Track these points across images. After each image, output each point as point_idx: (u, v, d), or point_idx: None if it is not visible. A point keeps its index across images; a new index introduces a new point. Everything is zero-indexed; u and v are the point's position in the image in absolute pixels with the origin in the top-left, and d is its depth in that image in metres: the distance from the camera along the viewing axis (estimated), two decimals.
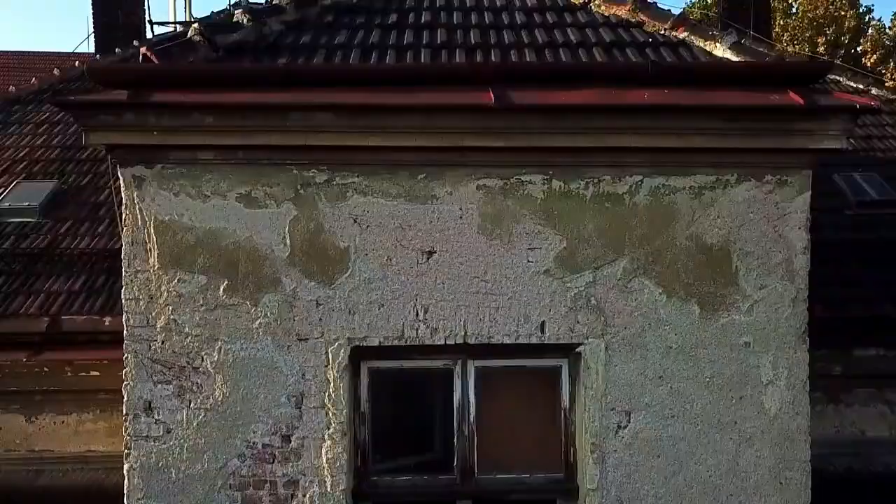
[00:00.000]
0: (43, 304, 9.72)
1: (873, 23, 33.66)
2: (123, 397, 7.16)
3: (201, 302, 7.10)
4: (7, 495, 9.14)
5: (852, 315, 9.66)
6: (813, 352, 7.41)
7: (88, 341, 9.45)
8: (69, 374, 9.36)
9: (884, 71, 27.86)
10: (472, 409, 7.43)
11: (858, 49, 32.30)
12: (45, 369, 9.37)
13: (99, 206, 11.25)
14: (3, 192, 11.34)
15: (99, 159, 12.11)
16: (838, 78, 14.04)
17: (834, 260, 9.99)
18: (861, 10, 33.69)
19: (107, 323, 9.39)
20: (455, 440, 7.45)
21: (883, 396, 9.73)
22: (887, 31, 33.12)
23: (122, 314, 7.25)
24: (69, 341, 9.47)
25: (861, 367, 9.53)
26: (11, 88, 14.37)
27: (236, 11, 8.48)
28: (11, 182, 11.62)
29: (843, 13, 32.42)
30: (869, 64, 29.64)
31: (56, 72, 14.48)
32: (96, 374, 9.31)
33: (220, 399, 7.11)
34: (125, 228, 7.11)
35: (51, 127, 13.04)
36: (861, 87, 14.19)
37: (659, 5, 9.21)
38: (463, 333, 7.17)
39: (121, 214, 7.21)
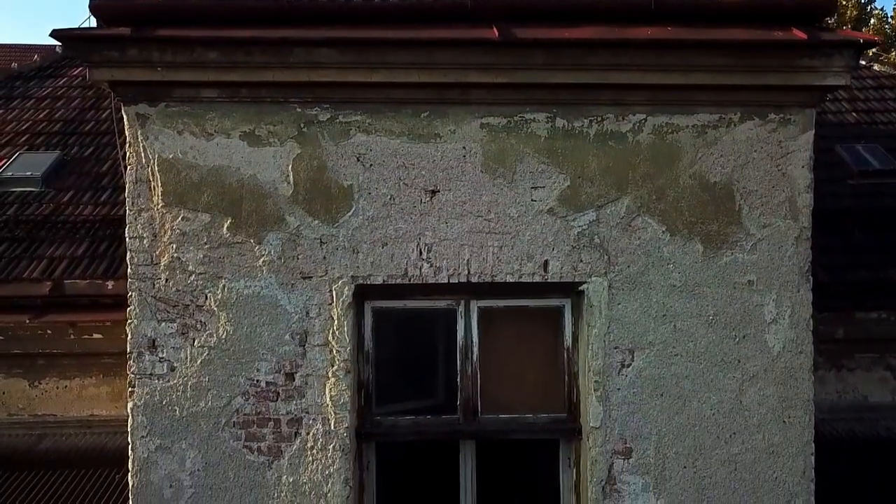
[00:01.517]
0: (46, 269, 9.74)
1: (875, 12, 33.62)
2: (127, 335, 7.16)
3: (205, 240, 7.10)
4: (9, 458, 9.11)
5: (854, 279, 9.66)
6: (815, 315, 7.41)
7: (91, 304, 9.48)
8: (72, 336, 9.35)
9: (886, 60, 27.76)
10: (475, 350, 7.43)
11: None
12: (48, 332, 9.36)
13: (101, 177, 11.28)
14: (5, 163, 11.32)
15: (101, 132, 12.20)
16: None
17: (836, 227, 10.06)
18: (863, 0, 33.61)
19: (109, 287, 9.44)
20: (458, 380, 7.46)
21: (885, 361, 9.74)
22: (889, 20, 33.08)
23: (126, 274, 7.30)
24: (72, 304, 9.49)
25: (863, 331, 9.51)
26: (14, 65, 14.43)
27: None
28: (14, 153, 11.61)
29: (844, 2, 32.31)
30: (870, 54, 29.47)
31: (59, 49, 14.52)
32: (99, 336, 9.31)
33: (223, 337, 7.10)
34: (128, 167, 7.12)
35: (53, 101, 13.07)
36: (863, 62, 14.27)
37: None
38: (466, 272, 7.16)
39: (124, 154, 7.19)
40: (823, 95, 7.38)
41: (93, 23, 7.87)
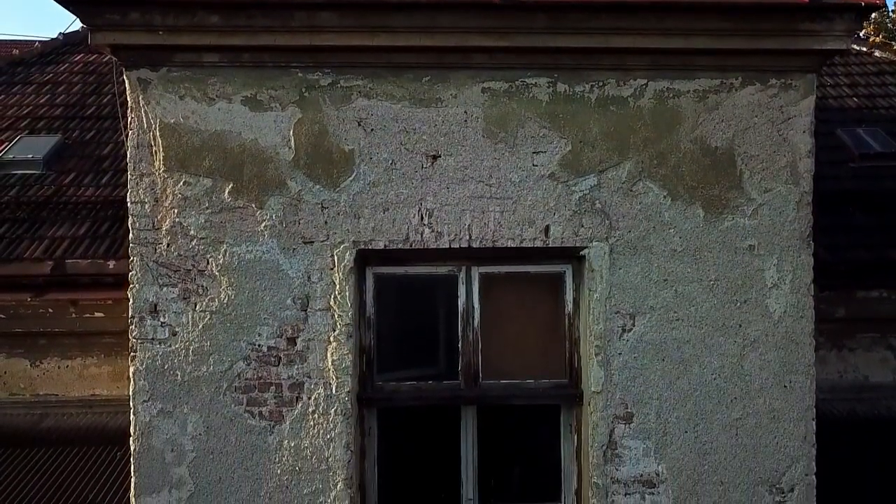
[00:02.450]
0: (47, 249, 9.72)
1: None
2: (129, 300, 7.16)
3: (206, 205, 7.11)
4: (11, 437, 9.13)
5: (855, 258, 9.66)
6: (816, 294, 7.41)
7: (92, 283, 9.45)
8: (73, 315, 9.36)
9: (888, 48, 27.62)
10: (477, 316, 7.44)
11: (861, 33, 32.04)
12: (50, 310, 9.37)
13: (103, 160, 11.30)
14: (7, 146, 11.34)
15: (102, 117, 12.22)
16: None
17: (837, 209, 10.06)
18: None
19: (111, 266, 9.42)
20: (459, 346, 7.46)
21: (886, 342, 9.74)
22: (890, 14, 33.03)
23: (127, 254, 7.32)
24: (73, 283, 9.46)
25: (864, 310, 9.51)
26: (15, 51, 14.44)
27: None
28: (16, 137, 11.63)
29: None
30: (876, 42, 29.36)
31: (60, 37, 14.55)
32: (100, 315, 9.32)
33: (225, 302, 7.11)
34: (130, 132, 7.12)
35: (54, 87, 13.10)
36: (864, 49, 14.36)
37: None
38: (467, 237, 7.17)
39: (125, 118, 7.20)
40: (824, 60, 7.37)
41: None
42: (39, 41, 14.52)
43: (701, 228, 7.22)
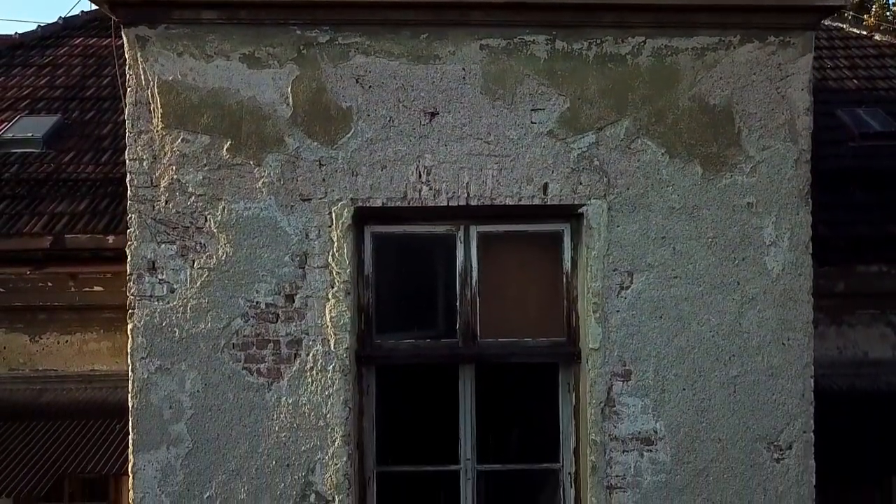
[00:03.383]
0: (47, 224, 9.80)
1: None
2: (127, 258, 7.16)
3: (205, 161, 7.11)
4: (10, 411, 9.16)
5: (855, 234, 9.68)
6: (816, 268, 7.40)
7: (91, 257, 9.49)
8: (72, 289, 9.42)
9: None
10: (475, 274, 7.44)
11: (862, 25, 31.88)
12: (49, 283, 9.43)
13: (102, 139, 11.37)
14: (7, 126, 11.37)
15: (102, 98, 12.28)
16: (841, 25, 14.27)
17: (837, 187, 10.10)
18: None
19: (110, 241, 9.48)
20: (458, 305, 7.46)
21: (886, 318, 9.80)
22: (891, 7, 33.00)
23: (126, 229, 7.30)
24: (72, 257, 9.52)
25: (864, 285, 9.53)
26: (15, 34, 14.44)
27: None
28: (16, 117, 11.67)
29: None
30: (881, 28, 29.26)
31: (60, 20, 14.58)
32: (100, 289, 9.40)
33: (223, 259, 7.10)
34: (128, 89, 7.12)
35: (54, 69, 13.17)
36: (864, 33, 14.43)
37: None
38: (465, 195, 7.16)
39: (123, 76, 7.20)
40: (823, 17, 7.39)
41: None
42: (41, 26, 14.48)
43: (699, 186, 7.22)
